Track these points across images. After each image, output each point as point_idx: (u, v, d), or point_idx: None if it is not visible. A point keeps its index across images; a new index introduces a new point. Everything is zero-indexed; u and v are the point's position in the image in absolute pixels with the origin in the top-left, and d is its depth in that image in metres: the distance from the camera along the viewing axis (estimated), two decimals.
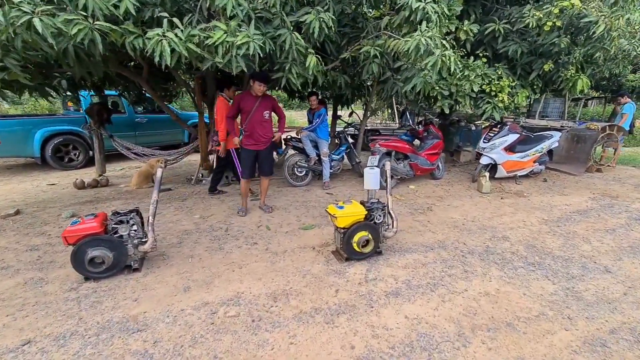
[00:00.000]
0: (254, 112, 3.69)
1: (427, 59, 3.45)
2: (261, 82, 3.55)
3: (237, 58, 2.49)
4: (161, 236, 3.45)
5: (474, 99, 5.62)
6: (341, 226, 2.87)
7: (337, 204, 2.96)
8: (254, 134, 3.77)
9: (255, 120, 3.73)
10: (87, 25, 2.19)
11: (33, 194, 5.28)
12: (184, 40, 2.40)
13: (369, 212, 2.97)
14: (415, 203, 4.65)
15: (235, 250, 3.17)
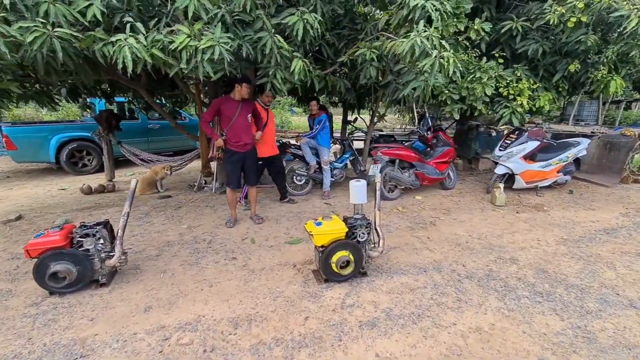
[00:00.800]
0: (237, 117, 3.56)
1: (424, 61, 3.15)
2: (248, 83, 3.46)
3: (202, 63, 2.34)
4: (141, 247, 3.36)
5: (489, 103, 5.20)
6: (319, 244, 2.63)
7: (315, 220, 2.72)
8: (240, 141, 3.65)
9: (239, 126, 3.60)
10: (45, 32, 2.12)
11: (42, 198, 5.44)
12: (147, 45, 2.28)
13: (351, 230, 2.70)
14: (418, 216, 4.30)
15: (211, 265, 3.00)
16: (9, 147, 6.37)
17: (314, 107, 5.04)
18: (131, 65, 2.24)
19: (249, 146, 3.74)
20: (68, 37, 2.25)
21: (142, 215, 4.34)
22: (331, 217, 2.74)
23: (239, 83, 3.44)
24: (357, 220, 2.75)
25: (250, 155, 3.81)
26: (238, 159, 3.70)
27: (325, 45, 4.26)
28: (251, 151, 3.81)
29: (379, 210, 2.89)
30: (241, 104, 3.58)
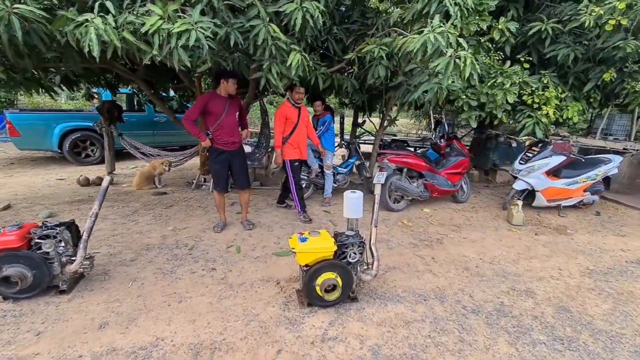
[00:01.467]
0: (225, 115, 3.28)
1: (437, 61, 2.78)
2: (234, 79, 3.20)
3: (177, 50, 2.06)
4: (118, 249, 3.11)
5: (511, 112, 4.76)
6: (302, 264, 2.30)
7: (301, 234, 2.40)
8: (228, 140, 3.37)
9: (228, 124, 3.33)
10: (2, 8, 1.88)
11: (38, 188, 5.32)
12: (118, 28, 2.02)
13: (341, 248, 2.36)
14: (425, 232, 3.91)
15: (187, 276, 2.72)
16: (12, 133, 6.32)
17: (318, 107, 4.72)
18: (97, 50, 1.98)
19: (236, 145, 3.45)
20: (34, 17, 2.00)
21: (129, 212, 4.12)
22: (319, 232, 2.41)
23: (224, 78, 3.17)
24: (348, 238, 2.40)
25: (238, 154, 3.51)
26: (225, 158, 3.42)
27: (333, 41, 3.93)
28: (239, 150, 3.51)
29: (376, 227, 2.54)
30: (229, 101, 3.31)
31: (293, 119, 3.85)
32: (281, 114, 3.83)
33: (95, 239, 3.33)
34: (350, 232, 2.47)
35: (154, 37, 2.03)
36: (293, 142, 3.91)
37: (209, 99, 3.25)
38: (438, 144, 5.08)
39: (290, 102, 3.85)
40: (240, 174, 3.56)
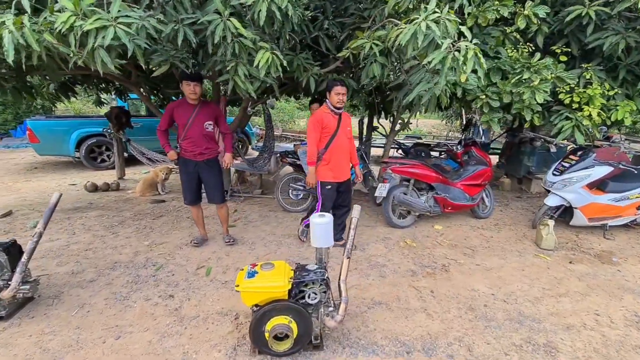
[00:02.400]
0: (191, 124, 2.95)
1: (431, 55, 2.26)
2: (190, 81, 2.82)
3: (99, 52, 1.76)
4: (82, 267, 2.92)
5: (544, 113, 4.03)
6: (248, 304, 1.91)
7: (253, 266, 2.01)
8: (195, 150, 3.04)
9: (195, 135, 2.99)
10: None
11: (47, 193, 5.42)
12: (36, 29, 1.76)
13: (298, 286, 1.94)
14: (429, 255, 3.36)
15: (139, 303, 2.44)
16: (32, 140, 6.57)
17: (315, 110, 4.30)
18: (12, 55, 1.74)
19: (206, 155, 3.07)
20: None
21: (115, 223, 3.98)
22: (273, 264, 2.00)
23: (180, 81, 2.88)
24: (308, 274, 1.98)
25: (208, 165, 3.12)
26: (192, 170, 3.09)
27: (324, 37, 3.50)
28: (209, 161, 3.12)
29: (349, 258, 2.08)
30: (198, 109, 2.97)
31: (331, 128, 3.02)
32: (316, 121, 3.00)
33: (68, 253, 3.19)
34: (311, 267, 2.04)
35: (69, 37, 1.76)
36: (329, 159, 3.07)
37: (175, 107, 3.00)
38: (454, 150, 4.46)
39: (329, 106, 3.04)
40: (211, 188, 3.18)
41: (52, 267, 2.92)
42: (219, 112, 3.20)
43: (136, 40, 1.82)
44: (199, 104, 2.98)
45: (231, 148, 3.26)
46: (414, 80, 2.86)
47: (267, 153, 5.75)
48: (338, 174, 3.17)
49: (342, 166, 3.17)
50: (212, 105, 3.17)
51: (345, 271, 2.05)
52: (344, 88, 2.96)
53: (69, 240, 3.45)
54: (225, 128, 3.28)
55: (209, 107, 3.08)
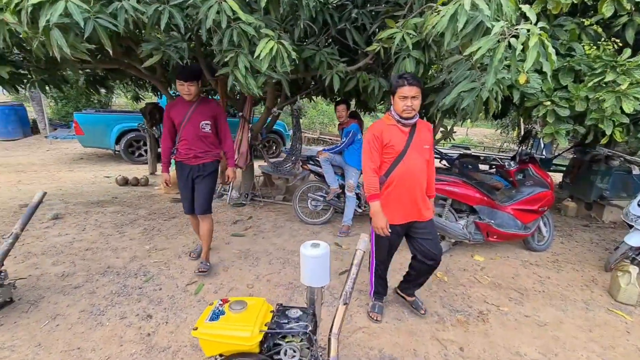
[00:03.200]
0: (185, 123, 2.60)
1: (476, 44, 1.70)
2: (183, 81, 2.42)
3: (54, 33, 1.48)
4: (74, 270, 2.76)
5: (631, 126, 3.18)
6: (208, 354, 1.51)
7: (222, 302, 1.60)
8: (189, 152, 2.65)
9: (189, 135, 2.60)
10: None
11: (82, 184, 5.60)
12: None
13: (271, 337, 1.50)
14: (465, 295, 2.72)
15: (112, 322, 2.17)
16: (77, 132, 6.92)
17: (342, 112, 3.83)
18: None
19: (200, 159, 2.66)
20: None
21: (127, 222, 3.86)
22: (246, 303, 1.58)
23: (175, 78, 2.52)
24: (287, 322, 1.53)
25: (201, 170, 2.68)
26: (186, 174, 2.70)
27: (351, 29, 3.03)
28: (203, 166, 2.68)
29: (346, 304, 1.59)
30: (194, 107, 2.58)
31: (396, 146, 2.05)
32: (374, 137, 2.07)
33: (69, 251, 3.08)
34: (294, 312, 1.58)
35: (21, 14, 1.51)
36: (392, 190, 2.10)
37: (172, 106, 2.65)
38: (506, 168, 3.72)
39: (393, 115, 2.06)
40: (197, 194, 2.73)
41: (47, 266, 2.80)
42: (219, 111, 2.74)
43: (99, 19, 1.53)
44: (197, 101, 2.61)
45: (233, 157, 2.83)
46: (455, 79, 2.28)
47: (294, 157, 5.42)
48: (405, 212, 2.14)
49: (412, 200, 2.11)
50: (212, 103, 2.74)
51: (340, 322, 1.55)
52: (413, 88, 1.90)
53: (75, 237, 3.36)
54: (225, 131, 2.76)
55: (206, 105, 2.66)
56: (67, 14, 1.44)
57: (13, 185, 5.36)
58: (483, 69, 2.13)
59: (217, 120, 2.71)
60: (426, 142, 2.11)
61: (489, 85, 1.84)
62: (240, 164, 4.71)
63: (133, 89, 6.00)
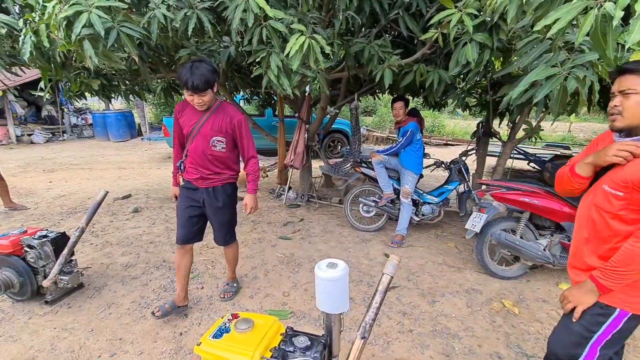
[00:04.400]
0: (194, 137, 2.05)
1: (553, 14, 1.28)
2: (191, 92, 1.87)
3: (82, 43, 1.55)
4: (139, 259, 3.03)
5: None
6: None
7: (232, 318, 1.51)
8: (196, 171, 2.13)
9: (196, 150, 2.06)
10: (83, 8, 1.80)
11: (164, 180, 6.30)
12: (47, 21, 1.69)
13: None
14: (538, 334, 2.18)
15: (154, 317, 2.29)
16: (166, 134, 7.84)
17: (400, 110, 3.47)
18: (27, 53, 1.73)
19: (208, 182, 2.13)
20: None
21: None
22: (253, 322, 1.45)
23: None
24: (293, 352, 1.36)
25: (212, 197, 2.15)
26: (190, 197, 2.17)
27: (405, 16, 2.68)
28: (216, 192, 2.15)
29: (364, 338, 1.35)
30: (206, 118, 2.02)
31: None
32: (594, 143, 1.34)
33: (137, 243, 3.42)
34: (302, 341, 1.40)
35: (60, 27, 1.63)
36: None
37: (182, 108, 2.12)
38: None
39: None
40: (216, 225, 2.28)
41: (117, 256, 3.14)
42: (239, 122, 2.07)
43: (124, 28, 1.57)
44: (214, 107, 2.05)
45: (255, 183, 2.23)
46: (529, 65, 1.80)
47: (352, 157, 5.21)
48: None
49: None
50: (230, 112, 2.07)
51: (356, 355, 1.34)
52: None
53: (145, 230, 3.73)
54: (247, 148, 2.15)
55: (223, 115, 2.04)
56: (90, 24, 1.53)
57: (114, 181, 6.30)
58: (569, 48, 1.63)
59: (237, 135, 2.10)
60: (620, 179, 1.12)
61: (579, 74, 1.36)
62: (296, 164, 4.70)
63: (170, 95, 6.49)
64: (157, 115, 13.07)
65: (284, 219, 4.17)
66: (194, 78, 1.82)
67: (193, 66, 1.82)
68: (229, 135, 2.10)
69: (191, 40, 2.08)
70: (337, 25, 2.37)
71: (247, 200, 2.24)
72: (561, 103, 1.73)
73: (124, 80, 4.07)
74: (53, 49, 1.82)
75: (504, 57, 2.67)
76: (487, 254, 2.82)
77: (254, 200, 2.24)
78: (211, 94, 1.94)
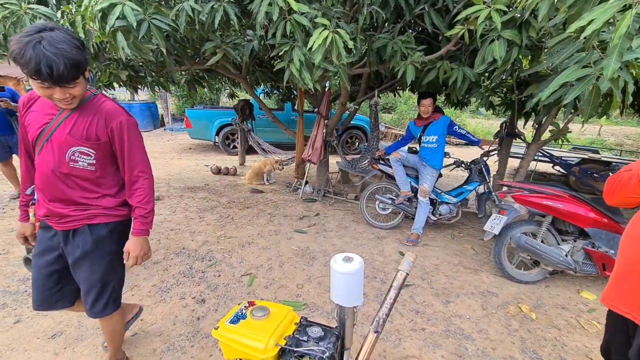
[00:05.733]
0: (42, 144, 1.31)
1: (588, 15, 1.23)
2: (41, 81, 1.11)
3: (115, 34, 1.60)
4: (160, 246, 3.14)
5: None
6: (227, 357, 1.48)
7: (249, 305, 1.56)
8: (50, 207, 1.37)
9: (45, 170, 1.32)
10: None
11: (186, 170, 6.47)
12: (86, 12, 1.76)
13: (288, 354, 1.38)
14: (555, 341, 2.13)
15: (172, 301, 2.38)
16: (188, 125, 8.02)
17: (429, 108, 3.39)
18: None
19: (67, 221, 1.37)
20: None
21: (209, 207, 4.27)
22: (269, 310, 1.49)
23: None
24: (307, 342, 1.39)
25: (76, 245, 1.40)
26: (47, 243, 1.44)
27: (431, 11, 2.64)
28: (79, 234, 1.39)
29: (377, 332, 1.37)
30: (68, 115, 1.29)
31: None
32: None
33: (158, 230, 3.53)
34: (316, 331, 1.43)
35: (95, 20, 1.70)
36: None
37: (26, 105, 1.35)
38: None
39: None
40: (84, 288, 1.45)
41: None
42: (123, 128, 1.34)
43: (155, 20, 1.62)
44: (79, 105, 1.30)
45: (145, 220, 1.45)
46: (560, 65, 1.74)
47: (370, 154, 5.18)
48: None
49: None
50: (109, 109, 1.33)
51: (367, 353, 1.36)
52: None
53: (166, 218, 3.86)
54: (136, 166, 1.41)
55: (95, 114, 1.31)
56: (123, 16, 1.59)
57: None
58: (604, 48, 1.57)
59: (117, 145, 1.36)
60: None
61: (609, 72, 1.32)
62: (313, 159, 4.72)
63: (229, 86, 6.60)
64: (179, 106, 13.38)
65: (300, 213, 4.22)
66: (52, 61, 1.07)
67: (43, 41, 1.07)
68: (102, 146, 1.34)
69: (216, 33, 2.13)
70: (361, 20, 2.36)
71: (129, 246, 1.45)
72: (593, 105, 1.67)
73: (150, 71, 4.19)
74: (87, 40, 1.92)
75: (533, 56, 2.58)
76: (505, 257, 2.77)
77: (140, 246, 1.46)
78: (83, 83, 1.21)
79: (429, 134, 3.44)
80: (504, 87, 3.81)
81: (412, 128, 3.62)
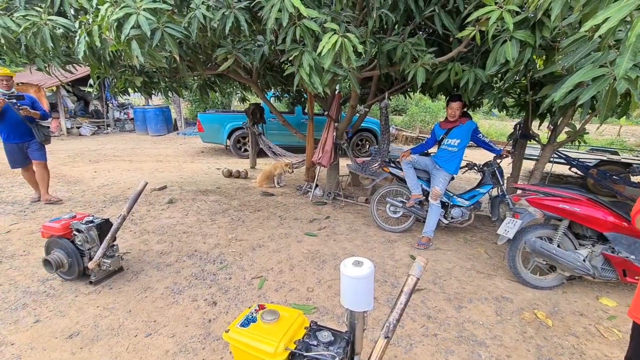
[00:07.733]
0: None
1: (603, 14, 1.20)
2: None
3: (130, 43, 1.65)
4: (172, 249, 3.20)
5: None
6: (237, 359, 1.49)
7: (259, 308, 1.57)
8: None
9: None
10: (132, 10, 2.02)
11: (198, 173, 6.57)
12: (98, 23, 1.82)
13: (297, 356, 1.38)
14: (573, 349, 2.07)
15: (185, 302, 2.41)
16: (200, 129, 8.15)
17: (457, 111, 3.31)
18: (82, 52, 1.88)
19: None
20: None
21: (220, 210, 4.31)
22: (279, 313, 1.50)
23: None
24: (316, 346, 1.39)
25: None
26: None
27: (441, 12, 2.62)
28: None
29: (387, 338, 1.36)
30: None
31: None
32: None
33: (171, 232, 3.60)
34: (326, 336, 1.43)
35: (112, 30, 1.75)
36: None
37: None
38: None
39: None
40: None
41: (153, 243, 3.33)
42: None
43: (168, 28, 1.66)
44: None
45: None
46: (575, 65, 1.70)
47: (380, 157, 5.15)
48: None
49: None
50: None
51: (377, 359, 1.34)
52: None
53: (179, 221, 3.92)
54: None
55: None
56: (138, 25, 1.63)
57: (151, 173, 6.65)
58: (616, 47, 1.53)
59: None
60: None
61: (620, 71, 1.28)
62: (323, 162, 4.73)
63: (241, 90, 6.68)
64: (192, 111, 13.62)
65: (310, 216, 4.22)
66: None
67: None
68: None
69: (228, 39, 2.17)
70: (371, 24, 2.36)
71: None
72: (609, 105, 1.62)
73: (164, 77, 4.29)
74: (103, 49, 1.98)
75: (547, 56, 2.53)
76: (520, 261, 2.71)
77: None
78: None
79: (451, 137, 3.39)
80: (517, 87, 3.74)
81: (436, 130, 3.58)
